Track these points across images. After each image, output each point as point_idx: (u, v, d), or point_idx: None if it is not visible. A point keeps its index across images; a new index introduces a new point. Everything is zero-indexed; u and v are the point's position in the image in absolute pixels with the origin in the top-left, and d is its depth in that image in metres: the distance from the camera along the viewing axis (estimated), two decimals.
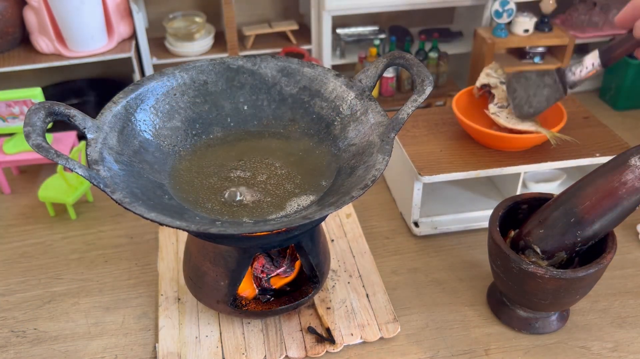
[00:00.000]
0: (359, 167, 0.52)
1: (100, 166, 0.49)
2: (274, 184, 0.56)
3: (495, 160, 0.75)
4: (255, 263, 0.62)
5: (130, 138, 0.54)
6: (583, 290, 0.59)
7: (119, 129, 0.53)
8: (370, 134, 0.54)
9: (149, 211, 0.46)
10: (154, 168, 0.54)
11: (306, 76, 0.60)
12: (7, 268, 0.74)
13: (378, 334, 0.64)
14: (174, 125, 0.58)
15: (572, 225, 0.57)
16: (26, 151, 0.84)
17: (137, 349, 0.63)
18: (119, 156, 0.52)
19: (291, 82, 0.60)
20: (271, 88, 0.61)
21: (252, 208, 0.54)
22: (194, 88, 0.60)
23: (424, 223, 0.79)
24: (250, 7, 1.09)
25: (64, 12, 0.89)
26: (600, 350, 0.62)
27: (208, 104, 0.60)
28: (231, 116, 0.61)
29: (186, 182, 0.55)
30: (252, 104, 0.61)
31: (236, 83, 0.61)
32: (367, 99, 0.56)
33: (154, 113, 0.57)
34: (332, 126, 0.57)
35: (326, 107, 0.59)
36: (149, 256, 0.76)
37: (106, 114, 0.54)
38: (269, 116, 0.61)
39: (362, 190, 0.48)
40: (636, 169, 0.52)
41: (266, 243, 0.58)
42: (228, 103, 0.61)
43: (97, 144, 0.51)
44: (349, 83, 0.58)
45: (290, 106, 0.60)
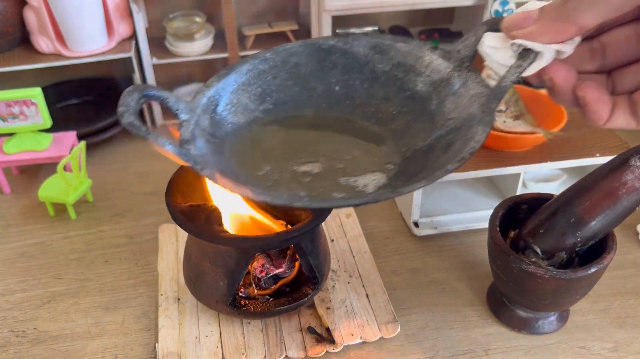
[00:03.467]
0: (456, 141, 0.49)
1: (192, 145, 0.49)
2: (360, 161, 0.54)
3: (495, 160, 0.75)
4: (255, 263, 0.62)
5: (223, 121, 0.54)
6: (583, 290, 0.59)
7: (211, 111, 0.53)
8: (470, 106, 0.51)
9: (237, 186, 0.45)
10: (246, 149, 0.54)
11: (400, 51, 0.58)
12: (6, 267, 0.74)
13: (378, 334, 0.64)
14: (266, 108, 0.57)
15: (572, 225, 0.57)
16: (26, 151, 0.84)
17: (137, 349, 0.63)
18: (211, 137, 0.52)
19: (384, 59, 0.58)
20: (364, 67, 0.59)
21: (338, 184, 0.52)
22: (286, 70, 0.58)
23: (424, 223, 0.79)
24: (250, 7, 1.09)
25: (64, 12, 0.89)
26: (600, 350, 0.62)
27: (299, 86, 0.59)
28: (323, 97, 0.59)
29: (274, 162, 0.54)
30: (344, 84, 0.59)
31: (328, 64, 0.59)
32: (467, 70, 0.53)
33: (246, 96, 0.57)
34: (428, 102, 0.55)
35: (421, 83, 0.56)
36: (149, 256, 0.76)
37: (199, 97, 0.53)
38: (362, 95, 0.58)
39: (458, 163, 0.45)
40: (636, 169, 0.52)
41: (265, 243, 0.58)
42: (319, 84, 0.59)
43: (189, 125, 0.51)
44: (446, 55, 0.55)
45: (384, 84, 0.58)
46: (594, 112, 0.43)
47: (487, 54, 0.49)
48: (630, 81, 0.45)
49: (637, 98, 0.43)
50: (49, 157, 0.84)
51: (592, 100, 0.43)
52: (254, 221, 0.64)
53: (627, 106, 0.44)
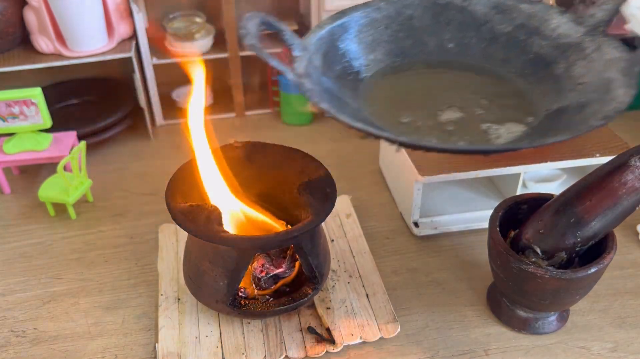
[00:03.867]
0: (589, 104, 0.48)
1: (306, 80, 0.48)
2: (482, 119, 0.52)
3: (495, 160, 0.75)
4: (255, 263, 0.62)
5: (333, 63, 0.54)
6: (583, 290, 0.59)
7: (323, 52, 0.53)
8: (605, 71, 0.49)
9: (354, 121, 0.45)
10: (354, 94, 0.53)
11: (524, 13, 0.56)
12: (6, 267, 0.74)
13: (378, 334, 0.64)
14: (375, 57, 0.57)
15: (572, 225, 0.57)
16: (26, 151, 0.84)
17: (137, 349, 0.63)
18: (322, 77, 0.51)
19: (505, 20, 0.57)
20: (481, 26, 0.57)
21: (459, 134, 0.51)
22: (399, 22, 0.58)
23: (424, 223, 0.79)
24: (250, 7, 1.09)
25: (64, 12, 0.89)
26: (600, 350, 0.62)
27: (411, 39, 0.58)
28: (435, 53, 0.58)
29: (384, 112, 0.54)
30: (459, 42, 0.58)
31: (443, 19, 0.58)
32: (601, 35, 0.51)
33: (356, 42, 0.56)
34: (554, 65, 0.53)
35: (546, 46, 0.55)
36: (149, 256, 0.76)
37: (311, 37, 0.53)
38: (477, 55, 0.57)
39: (602, 120, 0.44)
40: (636, 169, 0.52)
41: (265, 243, 0.58)
42: (432, 39, 0.58)
43: (302, 61, 0.51)
44: (577, 19, 0.53)
45: (503, 45, 0.57)
46: None
47: (633, 15, 0.47)
48: None
49: None
50: (49, 157, 0.84)
51: None
52: (255, 221, 0.64)
53: None
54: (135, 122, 1.00)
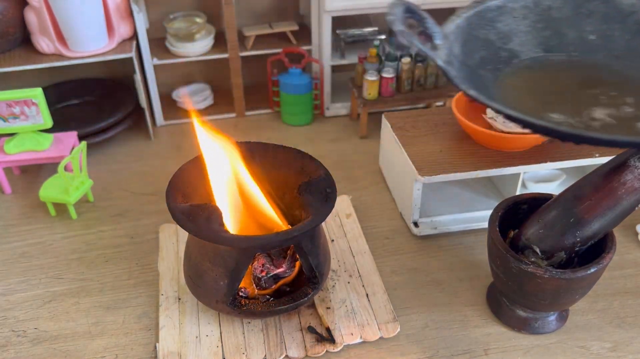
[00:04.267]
0: None
1: (450, 67, 0.48)
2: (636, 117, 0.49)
3: (494, 160, 0.75)
4: (255, 262, 0.63)
5: (472, 52, 0.53)
6: (582, 290, 0.59)
7: (461, 41, 0.53)
8: None
9: (506, 108, 0.44)
10: (494, 84, 0.53)
11: None
12: (7, 267, 0.74)
13: (378, 334, 0.64)
14: (512, 47, 0.56)
15: (572, 225, 0.57)
16: (27, 151, 0.84)
17: (137, 348, 0.64)
18: (463, 65, 0.51)
19: None
20: (627, 17, 0.55)
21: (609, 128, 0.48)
22: (537, 12, 0.56)
23: (424, 223, 0.79)
24: (250, 8, 1.09)
25: (64, 12, 0.89)
26: (600, 350, 0.63)
27: (550, 30, 0.56)
28: (574, 44, 0.56)
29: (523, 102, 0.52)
30: (601, 34, 0.56)
31: (584, 11, 0.56)
32: None
33: (493, 32, 0.55)
34: None
35: None
36: (149, 256, 0.76)
37: (450, 25, 0.53)
38: (622, 47, 0.55)
39: None
40: (635, 169, 0.53)
41: (265, 243, 0.58)
42: (572, 31, 0.56)
43: (444, 49, 0.50)
44: None
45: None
46: None
47: None
48: None
49: None
50: (49, 157, 0.84)
51: None
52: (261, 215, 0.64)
53: None
54: (136, 122, 1.01)
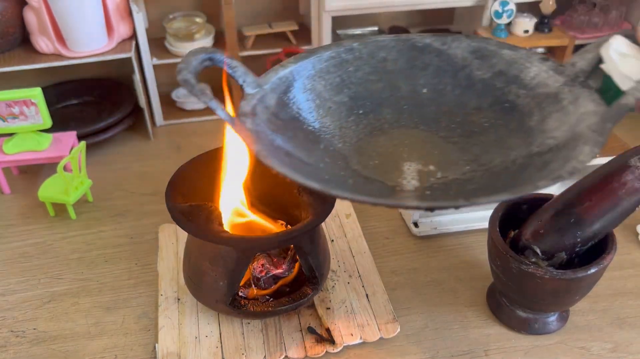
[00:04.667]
0: (554, 161, 0.44)
1: (249, 119, 0.46)
2: (442, 177, 0.49)
3: None
4: (255, 263, 0.62)
5: (291, 104, 0.51)
6: (583, 290, 0.59)
7: (280, 92, 0.50)
8: (577, 125, 0.45)
9: (281, 166, 0.42)
10: (308, 138, 0.50)
11: (504, 59, 0.52)
12: (6, 268, 0.74)
13: (378, 334, 0.64)
14: (341, 100, 0.53)
15: (572, 226, 0.57)
16: (26, 151, 0.84)
17: (137, 349, 0.63)
18: (273, 117, 0.49)
19: (484, 66, 0.53)
20: (459, 72, 0.54)
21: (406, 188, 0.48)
22: (371, 64, 0.54)
23: (424, 223, 0.79)
24: (250, 8, 1.09)
25: (64, 12, 0.89)
26: (600, 351, 0.62)
27: (383, 83, 0.54)
28: (406, 99, 0.54)
29: (339, 158, 0.51)
30: (433, 88, 0.54)
31: (419, 64, 0.54)
32: (580, 86, 0.48)
33: (322, 84, 0.53)
34: (529, 117, 0.50)
35: (524, 96, 0.51)
36: (149, 256, 0.76)
37: (271, 75, 0.51)
38: (451, 102, 0.53)
39: (551, 181, 0.40)
40: (636, 170, 0.52)
41: (265, 244, 0.58)
42: (405, 84, 0.54)
43: (253, 99, 0.48)
44: (558, 68, 0.50)
45: (479, 92, 0.53)
46: None
47: (611, 59, 0.42)
48: None
49: None
50: (49, 157, 0.84)
51: None
52: (253, 224, 0.64)
53: None
54: (135, 122, 1.00)
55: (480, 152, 0.50)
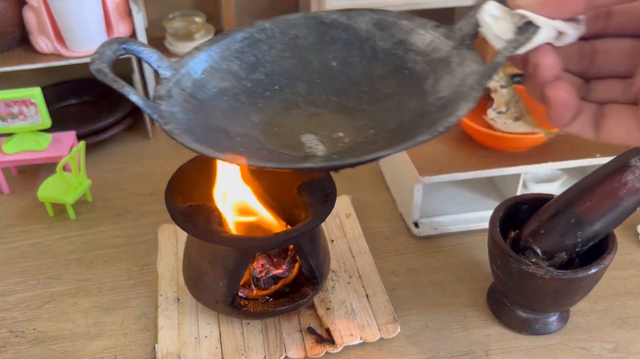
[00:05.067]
0: (440, 119, 0.47)
1: (164, 101, 0.48)
2: (350, 142, 0.52)
3: (495, 160, 0.75)
4: (255, 263, 0.62)
5: (208, 84, 0.53)
6: (583, 290, 0.59)
7: (197, 74, 0.52)
8: (462, 84, 0.49)
9: (192, 141, 0.45)
10: (226, 114, 0.52)
11: (402, 29, 0.56)
12: (5, 268, 0.74)
13: (378, 334, 0.64)
14: (257, 77, 0.56)
15: (573, 226, 0.56)
16: (25, 151, 0.84)
17: (136, 349, 0.63)
18: (190, 98, 0.51)
19: (386, 36, 0.56)
20: (364, 44, 0.57)
21: None
22: (283, 42, 0.57)
23: (424, 223, 0.79)
24: (250, 7, 1.09)
25: (63, 11, 0.89)
26: (601, 351, 0.62)
27: (295, 59, 0.57)
28: (318, 72, 0.57)
29: (256, 132, 0.53)
30: (342, 61, 0.57)
31: (327, 39, 0.57)
32: (466, 48, 0.51)
33: (237, 63, 0.55)
34: (425, 81, 0.53)
35: (421, 62, 0.54)
36: (148, 257, 0.75)
37: (186, 58, 0.53)
38: (359, 73, 0.57)
39: (430, 135, 0.43)
40: (637, 170, 0.52)
41: (264, 243, 0.58)
42: (317, 58, 0.57)
43: (169, 83, 0.50)
44: (449, 33, 0.53)
45: (383, 62, 0.56)
46: (555, 114, 0.42)
47: (485, 22, 0.45)
48: (606, 94, 0.45)
49: (607, 112, 0.43)
50: (48, 157, 0.84)
51: (557, 102, 0.42)
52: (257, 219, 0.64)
53: (592, 116, 0.43)
54: (135, 122, 1.00)
55: (384, 117, 0.54)
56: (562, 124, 0.43)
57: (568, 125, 0.43)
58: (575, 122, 0.43)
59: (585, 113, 0.43)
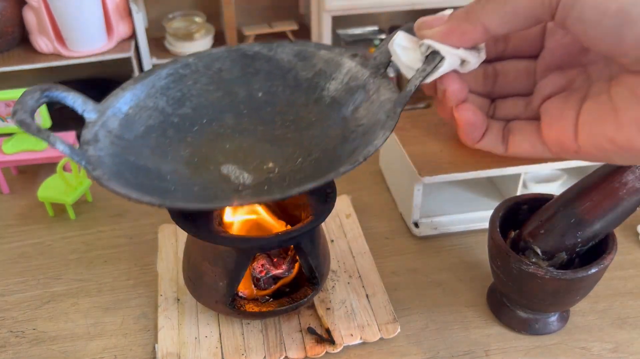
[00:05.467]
0: (360, 146, 0.50)
1: (91, 146, 0.48)
2: (279, 171, 0.54)
3: (495, 160, 0.75)
4: (255, 263, 0.62)
5: (135, 123, 0.53)
6: (583, 290, 0.59)
7: (122, 114, 0.53)
8: (379, 112, 0.51)
9: (121, 187, 0.45)
10: (155, 152, 0.53)
11: (322, 59, 0.58)
12: (5, 268, 0.74)
13: (378, 334, 0.64)
14: (184, 112, 0.57)
15: (573, 226, 0.56)
16: (25, 151, 0.84)
17: (136, 349, 0.63)
18: (117, 139, 0.51)
19: (307, 66, 0.58)
20: (287, 74, 0.59)
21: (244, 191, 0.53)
22: (208, 75, 0.58)
23: (424, 223, 0.79)
24: (250, 7, 1.09)
25: (63, 11, 0.89)
26: (601, 351, 0.62)
27: (221, 91, 0.59)
28: (244, 103, 0.59)
29: (187, 167, 0.54)
30: (267, 90, 0.59)
31: (251, 70, 0.59)
32: (381, 77, 0.54)
33: (163, 100, 0.56)
34: (345, 108, 0.55)
35: (341, 89, 0.56)
36: (148, 257, 0.75)
37: (111, 99, 0.53)
38: (283, 102, 0.59)
39: (350, 165, 0.45)
40: (636, 170, 0.52)
41: (265, 243, 0.58)
42: (242, 90, 0.59)
43: (94, 126, 0.50)
44: (365, 62, 0.55)
45: (305, 91, 0.58)
46: (465, 133, 0.46)
47: (395, 52, 0.47)
48: (509, 111, 0.48)
49: (512, 127, 0.46)
50: (48, 157, 0.84)
51: (464, 122, 0.45)
52: (256, 220, 0.64)
53: (499, 132, 0.46)
54: None
55: (309, 145, 0.56)
56: (473, 142, 0.46)
57: (478, 142, 0.46)
58: (484, 139, 0.46)
59: (493, 131, 0.46)
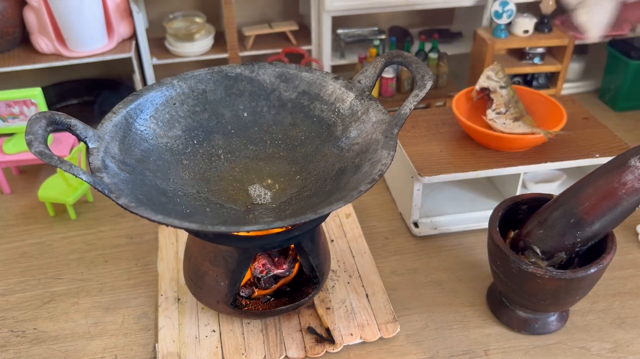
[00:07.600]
0: (363, 164, 0.53)
1: (104, 173, 0.50)
2: (279, 189, 0.56)
3: (495, 160, 0.75)
4: (256, 263, 0.62)
5: (132, 147, 0.55)
6: (582, 290, 0.59)
7: (120, 139, 0.54)
8: (373, 132, 0.54)
9: (155, 214, 0.47)
10: (157, 175, 0.55)
11: (305, 80, 0.61)
12: (6, 268, 0.74)
13: (378, 334, 0.64)
14: (175, 134, 0.59)
15: (572, 226, 0.57)
16: (26, 151, 0.84)
17: (136, 349, 0.63)
18: (122, 164, 0.52)
19: (290, 87, 0.61)
20: (270, 94, 0.61)
21: (256, 212, 0.54)
22: (193, 97, 0.60)
23: (424, 223, 0.79)
24: (250, 8, 1.09)
25: (64, 12, 0.89)
26: (600, 350, 0.62)
27: (208, 112, 0.61)
28: (231, 123, 0.61)
29: (191, 188, 0.56)
30: (252, 111, 0.62)
31: (235, 91, 0.61)
32: (368, 99, 0.57)
33: (154, 122, 0.58)
34: (334, 127, 0.58)
35: (326, 110, 0.59)
36: (148, 257, 0.76)
37: (106, 124, 0.54)
38: (269, 122, 0.61)
39: (369, 184, 0.49)
40: (635, 170, 0.53)
41: (266, 243, 0.58)
42: (228, 110, 0.61)
43: (99, 153, 0.52)
44: (348, 84, 0.59)
45: (290, 111, 0.61)
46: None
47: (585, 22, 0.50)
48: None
49: None
50: None
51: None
52: None
53: None
54: None
55: (304, 162, 0.59)
56: None
57: None
58: None
59: None
